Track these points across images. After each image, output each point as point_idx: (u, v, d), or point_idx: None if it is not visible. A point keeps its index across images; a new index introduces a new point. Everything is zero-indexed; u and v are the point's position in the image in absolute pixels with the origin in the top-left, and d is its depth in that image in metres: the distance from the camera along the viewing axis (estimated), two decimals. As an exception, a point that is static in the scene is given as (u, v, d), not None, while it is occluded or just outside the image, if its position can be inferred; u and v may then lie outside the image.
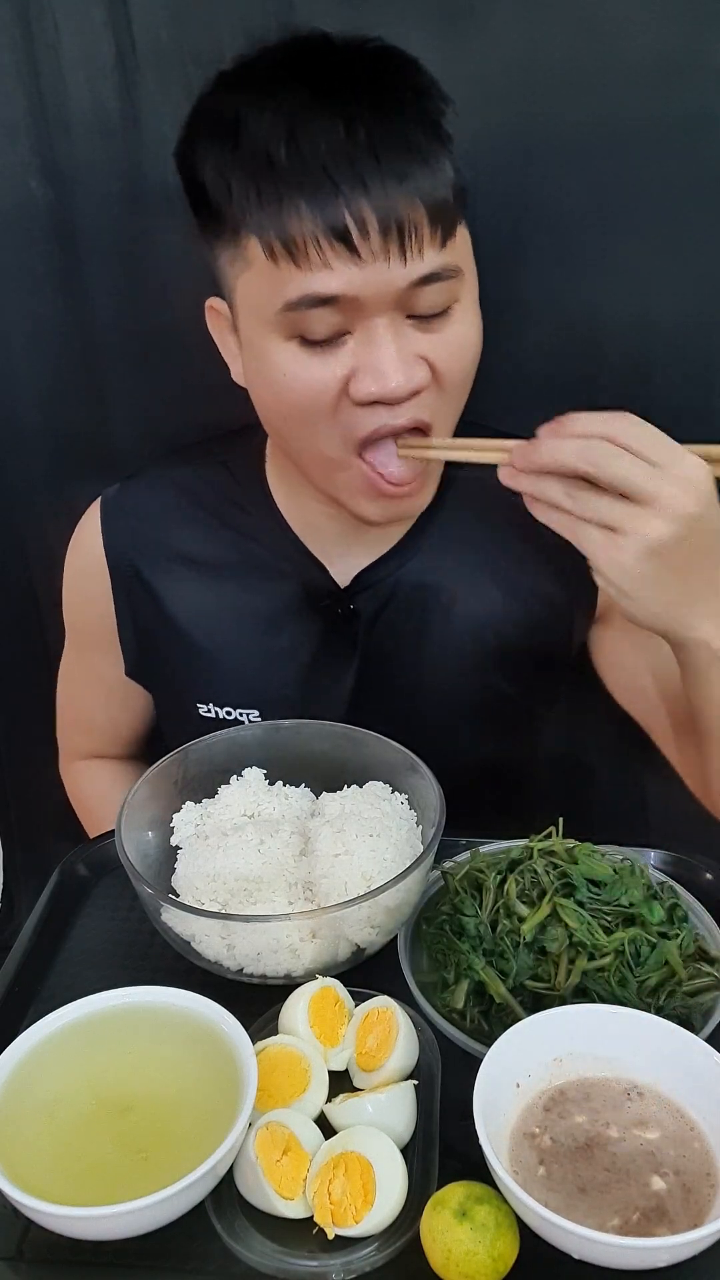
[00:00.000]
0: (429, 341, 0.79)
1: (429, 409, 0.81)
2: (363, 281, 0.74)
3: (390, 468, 0.82)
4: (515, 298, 0.92)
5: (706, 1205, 0.59)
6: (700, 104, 0.95)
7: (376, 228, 0.72)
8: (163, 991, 0.68)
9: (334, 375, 0.78)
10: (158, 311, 1.08)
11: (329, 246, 0.72)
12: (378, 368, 0.76)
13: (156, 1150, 0.61)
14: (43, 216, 1.05)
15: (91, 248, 1.06)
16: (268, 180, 0.73)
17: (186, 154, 0.78)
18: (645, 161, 0.98)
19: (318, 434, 0.81)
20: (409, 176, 0.73)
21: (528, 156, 0.96)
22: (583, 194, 1.00)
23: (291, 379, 0.79)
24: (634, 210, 1.00)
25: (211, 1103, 0.62)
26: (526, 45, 0.94)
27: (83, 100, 1.00)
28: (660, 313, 1.05)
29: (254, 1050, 0.64)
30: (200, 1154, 0.58)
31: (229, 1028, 0.65)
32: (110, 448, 1.15)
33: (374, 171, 0.72)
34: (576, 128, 0.97)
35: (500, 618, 0.98)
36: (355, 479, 0.83)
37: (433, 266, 0.75)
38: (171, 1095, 0.64)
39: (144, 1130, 0.62)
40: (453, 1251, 0.57)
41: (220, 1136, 0.59)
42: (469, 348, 0.81)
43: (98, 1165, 0.60)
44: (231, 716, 0.99)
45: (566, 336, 1.07)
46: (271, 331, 0.78)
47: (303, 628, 0.97)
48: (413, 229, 0.73)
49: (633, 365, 1.08)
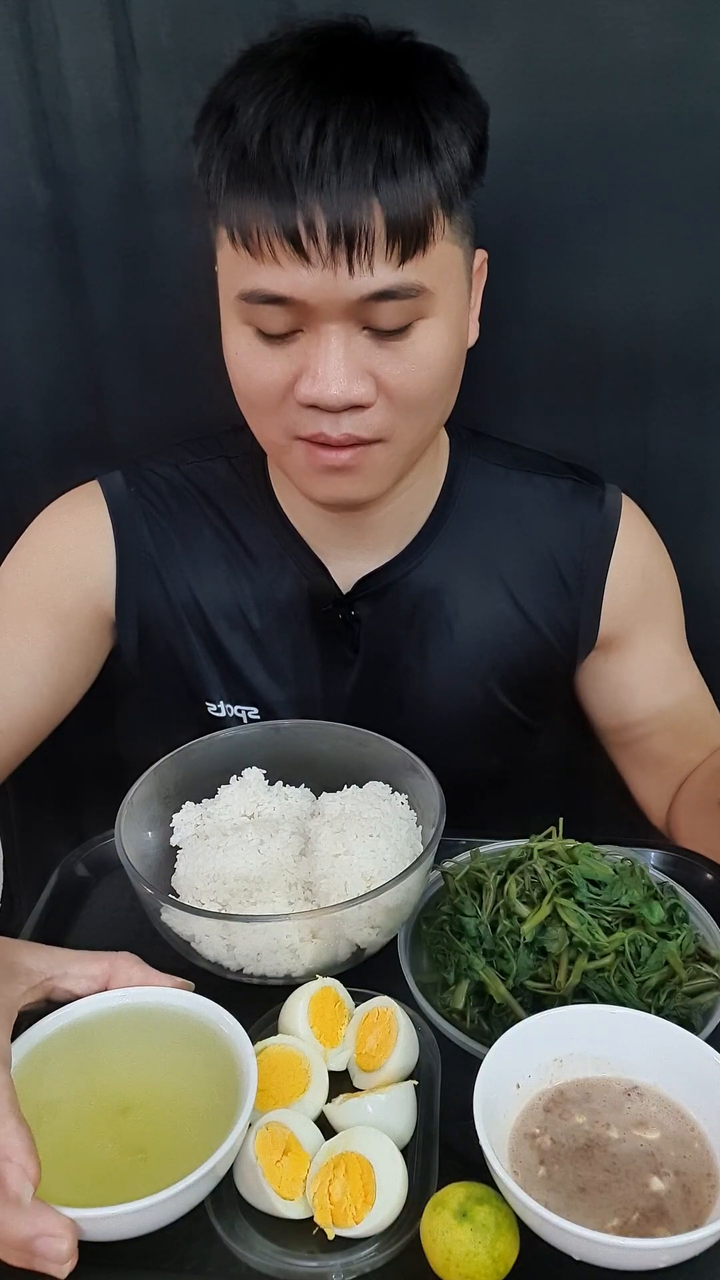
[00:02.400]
0: (383, 357, 0.77)
1: (375, 427, 0.80)
2: (311, 286, 0.73)
3: (322, 425, 0.79)
4: (515, 298, 0.92)
5: (706, 1206, 0.59)
6: (700, 104, 0.95)
7: (325, 234, 0.71)
8: (162, 992, 0.68)
9: (283, 370, 0.78)
10: (158, 311, 1.09)
11: (280, 246, 0.73)
12: (318, 373, 0.76)
13: (156, 1150, 0.60)
14: (43, 216, 1.05)
15: (91, 248, 1.06)
16: (238, 170, 0.73)
17: (198, 129, 0.79)
18: (645, 161, 0.98)
19: (265, 424, 0.83)
20: (370, 187, 0.71)
21: (528, 156, 0.96)
22: (583, 194, 1.00)
23: (246, 365, 0.80)
24: (634, 210, 1.00)
25: (211, 1103, 0.62)
26: (526, 45, 0.94)
27: (83, 100, 1.00)
28: (660, 312, 1.05)
29: (254, 1051, 0.64)
30: (200, 1154, 0.58)
31: (229, 1028, 0.65)
32: (110, 447, 1.15)
33: (332, 178, 0.71)
34: (576, 128, 0.97)
35: (504, 632, 0.97)
36: (299, 457, 0.83)
37: (386, 284, 0.73)
38: (171, 1095, 0.64)
39: (143, 1130, 0.62)
40: (453, 1252, 0.57)
41: (220, 1137, 0.59)
42: (430, 368, 0.79)
43: (97, 1166, 0.60)
44: (231, 714, 0.99)
45: (566, 336, 1.07)
46: (232, 314, 0.80)
47: (304, 631, 0.97)
48: (365, 241, 0.72)
49: (632, 365, 1.08)
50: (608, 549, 0.97)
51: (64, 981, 0.66)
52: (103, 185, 1.03)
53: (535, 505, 0.97)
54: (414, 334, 0.77)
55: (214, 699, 0.99)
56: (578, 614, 0.98)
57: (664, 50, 0.93)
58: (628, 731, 1.04)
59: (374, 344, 0.77)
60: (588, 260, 1.03)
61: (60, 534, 1.00)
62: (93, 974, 0.67)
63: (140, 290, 1.08)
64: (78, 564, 0.98)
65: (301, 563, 0.96)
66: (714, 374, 1.07)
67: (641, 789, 1.05)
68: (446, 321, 0.79)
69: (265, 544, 0.97)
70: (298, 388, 0.78)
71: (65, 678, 0.98)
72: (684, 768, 0.99)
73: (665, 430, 1.11)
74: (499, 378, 1.05)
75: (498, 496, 0.97)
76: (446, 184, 0.74)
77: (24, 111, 1.01)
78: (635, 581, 0.99)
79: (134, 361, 1.12)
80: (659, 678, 1.02)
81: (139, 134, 1.01)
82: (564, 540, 0.97)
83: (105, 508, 0.98)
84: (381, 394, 0.79)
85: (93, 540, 0.98)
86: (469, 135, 0.76)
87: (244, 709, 0.99)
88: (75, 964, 0.67)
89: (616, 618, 0.99)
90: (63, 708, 0.99)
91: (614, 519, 0.97)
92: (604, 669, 1.02)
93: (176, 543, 0.98)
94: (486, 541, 0.96)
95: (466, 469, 0.97)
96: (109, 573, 0.98)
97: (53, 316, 1.10)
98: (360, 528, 0.93)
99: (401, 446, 0.83)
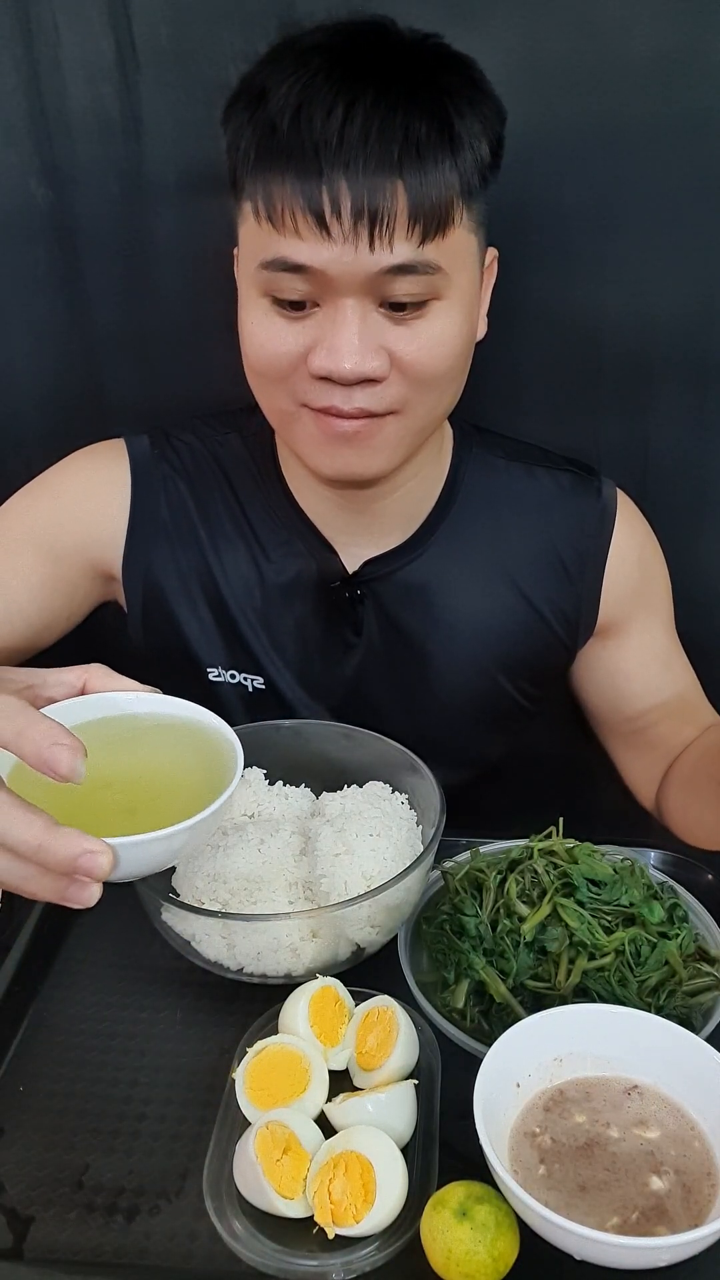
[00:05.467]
0: (397, 334, 0.79)
1: (388, 400, 0.81)
2: (330, 258, 0.75)
3: (334, 398, 0.80)
4: (516, 297, 0.92)
5: (706, 1205, 0.59)
6: (700, 104, 0.95)
7: (349, 210, 0.73)
8: (171, 702, 0.69)
9: (297, 342, 0.79)
10: (158, 311, 1.08)
11: (303, 219, 0.74)
12: (333, 345, 0.77)
13: (145, 811, 0.61)
14: (43, 216, 1.05)
15: (91, 248, 1.06)
16: (267, 147, 0.75)
17: (226, 114, 0.81)
18: (645, 161, 0.98)
19: (274, 393, 0.84)
20: (395, 167, 0.73)
21: (528, 156, 0.96)
22: (583, 194, 1.00)
23: (260, 335, 0.81)
24: (635, 210, 1.00)
25: (198, 777, 0.63)
26: (526, 45, 0.94)
27: (83, 100, 1.00)
28: (660, 313, 1.05)
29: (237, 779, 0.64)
30: (190, 813, 0.59)
31: (209, 719, 0.68)
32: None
33: (358, 156, 0.73)
34: (577, 128, 0.97)
35: (507, 619, 0.98)
36: (308, 425, 0.84)
37: (405, 259, 0.75)
38: (155, 771, 0.65)
39: (129, 798, 0.62)
40: (453, 1251, 0.57)
41: (214, 796, 0.60)
42: (444, 345, 0.80)
43: (89, 827, 0.58)
44: (235, 681, 0.99)
45: (567, 336, 1.07)
46: (251, 286, 0.81)
47: (309, 608, 0.97)
48: (387, 219, 0.74)
49: (633, 365, 1.08)
50: (606, 538, 0.99)
51: (44, 690, 0.67)
52: (103, 185, 1.03)
53: (536, 496, 0.99)
54: (429, 313, 0.79)
55: (214, 665, 0.99)
56: (578, 600, 0.99)
57: (664, 50, 0.94)
58: (624, 717, 1.05)
59: (389, 322, 0.79)
60: (588, 260, 1.03)
61: (75, 479, 1.00)
62: (69, 681, 0.68)
63: (140, 290, 1.08)
64: (86, 512, 0.98)
65: (309, 543, 0.97)
66: (714, 374, 1.07)
67: (632, 771, 1.07)
68: (460, 305, 0.81)
69: (274, 522, 0.97)
70: (311, 359, 0.79)
71: (43, 616, 0.98)
72: (675, 749, 1.00)
73: (665, 430, 1.11)
74: (500, 377, 1.05)
75: (500, 488, 0.98)
76: (466, 173, 0.76)
77: (24, 111, 1.01)
78: (632, 569, 1.01)
79: (134, 361, 1.12)
80: (655, 663, 1.04)
81: (139, 134, 1.01)
82: (565, 530, 0.98)
83: (127, 467, 0.98)
84: (395, 369, 0.80)
85: (107, 493, 0.98)
86: (489, 131, 0.79)
87: (250, 678, 0.99)
88: (52, 674, 0.68)
89: (614, 604, 1.01)
90: (33, 645, 0.99)
91: (611, 510, 1.00)
92: (601, 656, 1.04)
93: (194, 509, 0.98)
94: (490, 531, 0.98)
95: (470, 460, 0.99)
96: (118, 530, 0.98)
97: (53, 316, 1.10)
98: (366, 514, 0.94)
99: (412, 422, 0.84)
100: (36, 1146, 0.69)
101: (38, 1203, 0.65)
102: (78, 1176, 0.67)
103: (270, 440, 0.98)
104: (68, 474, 1.00)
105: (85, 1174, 0.67)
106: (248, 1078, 0.67)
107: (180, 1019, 0.78)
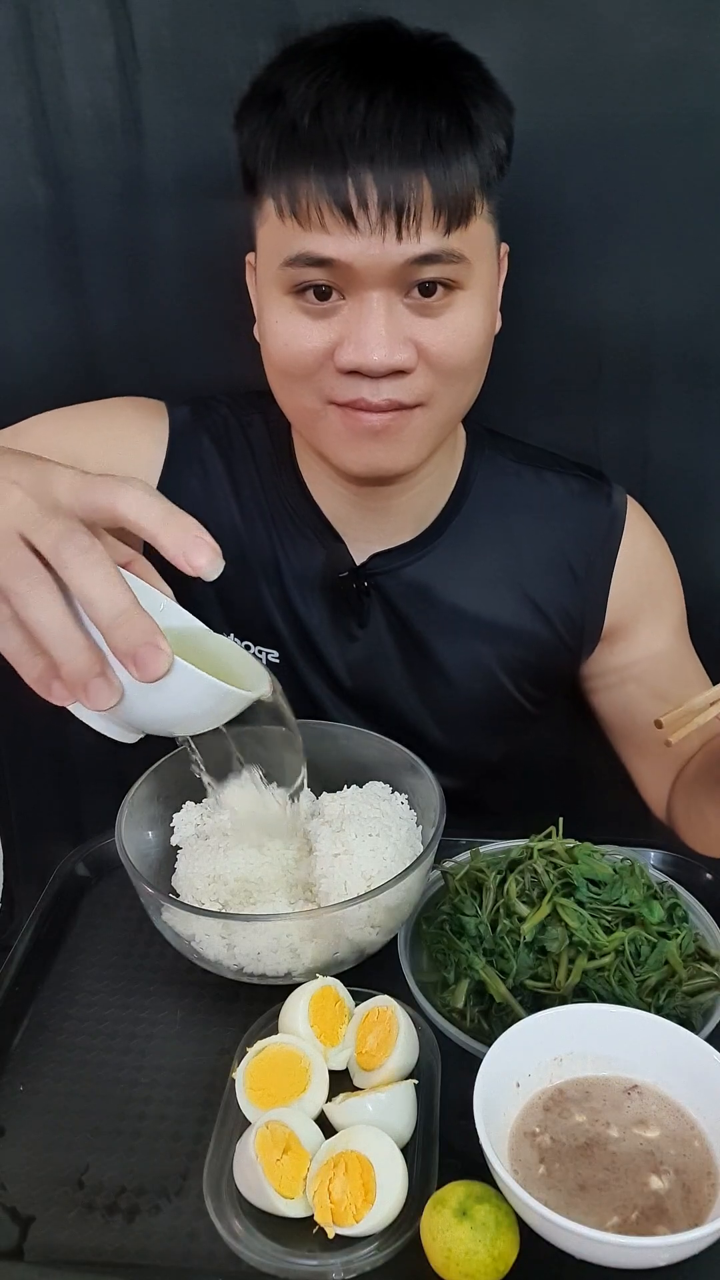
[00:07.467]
0: (423, 325, 0.80)
1: (416, 391, 0.81)
2: (357, 251, 0.75)
3: (362, 391, 0.81)
4: (515, 298, 0.92)
5: (706, 1204, 0.59)
6: (700, 104, 0.95)
7: (376, 202, 0.74)
8: (195, 621, 0.68)
9: (323, 338, 0.80)
10: (158, 311, 1.08)
11: (329, 213, 0.75)
12: (362, 338, 0.78)
13: None
14: (43, 216, 1.05)
15: (91, 248, 1.06)
16: (288, 144, 0.76)
17: (239, 118, 0.82)
18: (646, 161, 0.98)
19: (300, 391, 0.84)
20: (419, 159, 0.74)
21: (528, 156, 0.96)
22: (583, 194, 1.00)
23: (285, 334, 0.81)
24: (635, 210, 1.00)
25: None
26: (526, 45, 0.94)
27: (83, 100, 1.00)
28: (660, 313, 1.05)
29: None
30: None
31: (251, 661, 0.69)
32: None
33: (384, 149, 0.74)
34: (577, 128, 0.97)
35: (512, 621, 0.99)
36: (334, 423, 0.84)
37: (431, 248, 0.76)
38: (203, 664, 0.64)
39: None
40: (453, 1250, 0.57)
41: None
42: (469, 336, 0.81)
43: None
44: (251, 652, 0.99)
45: (566, 336, 1.07)
46: (274, 285, 0.81)
47: (317, 595, 0.98)
48: (414, 210, 0.75)
49: (633, 365, 1.08)
50: (615, 543, 1.00)
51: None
52: (103, 185, 1.03)
53: (546, 500, 0.99)
54: (454, 304, 0.80)
55: (226, 633, 0.99)
56: (584, 605, 1.00)
57: (664, 50, 0.94)
58: (634, 723, 1.04)
59: (414, 314, 0.79)
60: (588, 260, 1.03)
61: (116, 418, 0.99)
62: (121, 550, 0.65)
63: (140, 290, 1.08)
64: (118, 448, 0.97)
65: (319, 532, 0.97)
66: (714, 374, 1.07)
67: (644, 777, 1.07)
68: (481, 295, 0.82)
69: (288, 506, 0.98)
70: (338, 355, 0.79)
71: None
72: (685, 755, 1.00)
73: (665, 430, 1.11)
74: (500, 377, 1.05)
75: (510, 490, 0.99)
76: (485, 164, 0.78)
77: (24, 111, 1.00)
78: (640, 574, 1.01)
79: (134, 361, 1.12)
80: (664, 669, 1.03)
81: (139, 134, 1.01)
82: (573, 534, 0.99)
83: (167, 428, 0.98)
84: (422, 360, 0.81)
85: (144, 443, 0.98)
86: (503, 124, 0.80)
87: (264, 651, 0.99)
88: (109, 538, 0.65)
89: (621, 610, 1.01)
90: None
91: (621, 515, 1.00)
92: (610, 661, 1.04)
93: (226, 479, 0.99)
94: (498, 532, 0.98)
95: (481, 463, 0.99)
96: (139, 462, 0.97)
97: (53, 316, 1.10)
98: (377, 512, 0.94)
99: (439, 414, 0.84)
100: (36, 1146, 0.69)
101: (38, 1203, 0.65)
102: (78, 1176, 0.67)
103: (287, 431, 0.98)
104: (108, 411, 1.00)
105: (85, 1174, 0.67)
106: (248, 1077, 0.67)
107: (180, 1019, 0.78)
